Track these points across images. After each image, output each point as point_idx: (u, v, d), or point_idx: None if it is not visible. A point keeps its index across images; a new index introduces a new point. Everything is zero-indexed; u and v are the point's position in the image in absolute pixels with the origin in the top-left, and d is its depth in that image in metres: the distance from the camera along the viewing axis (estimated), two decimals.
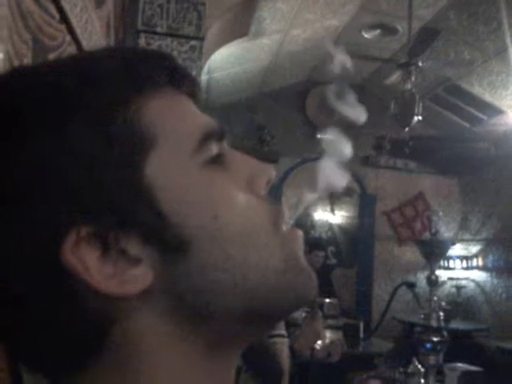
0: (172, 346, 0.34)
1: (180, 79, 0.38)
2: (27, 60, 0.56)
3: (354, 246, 5.35)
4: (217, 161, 0.36)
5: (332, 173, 0.41)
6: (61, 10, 0.70)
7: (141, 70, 0.36)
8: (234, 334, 0.36)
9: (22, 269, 0.32)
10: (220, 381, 0.37)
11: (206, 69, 3.12)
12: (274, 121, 5.17)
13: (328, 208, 5.34)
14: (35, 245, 0.32)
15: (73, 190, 0.32)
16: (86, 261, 0.32)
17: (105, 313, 0.33)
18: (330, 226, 5.36)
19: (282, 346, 1.63)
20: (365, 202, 5.36)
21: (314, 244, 3.78)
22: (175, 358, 0.34)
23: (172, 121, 0.36)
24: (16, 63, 0.52)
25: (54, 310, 0.32)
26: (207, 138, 0.36)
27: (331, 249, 5.22)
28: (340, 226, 5.40)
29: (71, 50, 0.76)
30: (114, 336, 0.33)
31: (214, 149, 0.36)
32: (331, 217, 5.37)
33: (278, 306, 0.37)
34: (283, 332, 1.69)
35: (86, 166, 0.32)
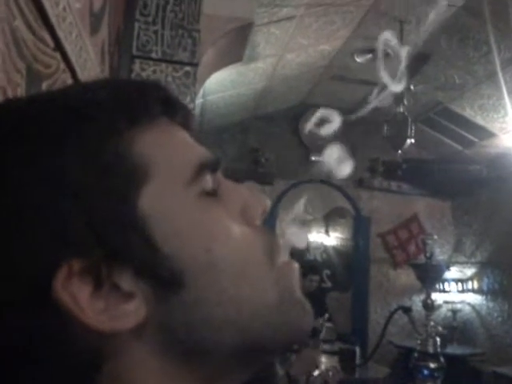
0: (165, 382, 0.33)
1: (174, 109, 0.38)
2: (21, 89, 0.56)
3: (349, 268, 5.32)
4: (211, 192, 0.36)
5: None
6: (56, 37, 0.70)
7: (134, 101, 0.35)
8: (228, 369, 0.35)
9: (12, 304, 0.31)
10: None
11: (200, 92, 3.15)
12: (268, 143, 5.20)
13: (323, 230, 5.33)
14: (26, 280, 0.31)
15: (64, 223, 0.31)
16: (78, 296, 0.31)
17: (97, 349, 0.32)
18: (325, 248, 5.34)
19: None
20: (359, 223, 5.36)
21: (308, 268, 3.76)
22: None
23: (166, 152, 0.35)
24: (9, 92, 0.52)
25: (44, 346, 0.31)
26: (202, 169, 0.36)
27: (326, 272, 5.18)
28: (335, 248, 5.37)
29: (65, 77, 0.76)
30: (107, 372, 0.32)
31: (208, 180, 0.36)
32: (326, 238, 5.35)
33: (273, 340, 0.36)
34: None
35: (78, 198, 0.32)
